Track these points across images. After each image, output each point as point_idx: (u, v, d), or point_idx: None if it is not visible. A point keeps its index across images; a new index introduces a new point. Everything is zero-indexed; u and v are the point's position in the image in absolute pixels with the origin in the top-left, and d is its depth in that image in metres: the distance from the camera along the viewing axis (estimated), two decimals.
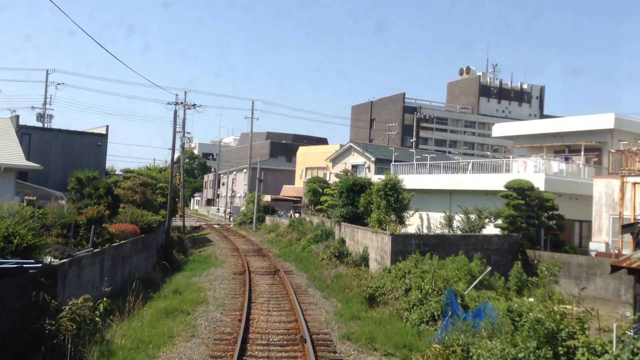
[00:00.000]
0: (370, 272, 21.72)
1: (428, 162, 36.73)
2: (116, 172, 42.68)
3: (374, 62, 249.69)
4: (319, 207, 41.31)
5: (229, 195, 77.50)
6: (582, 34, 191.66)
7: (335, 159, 54.96)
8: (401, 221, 22.83)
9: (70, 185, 35.89)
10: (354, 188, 27.79)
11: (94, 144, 38.25)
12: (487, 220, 23.68)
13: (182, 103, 62.07)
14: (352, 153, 52.65)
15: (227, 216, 69.70)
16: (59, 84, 55.57)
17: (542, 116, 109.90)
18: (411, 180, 29.90)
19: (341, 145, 57.76)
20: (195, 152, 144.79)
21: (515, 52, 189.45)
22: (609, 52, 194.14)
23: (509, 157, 35.19)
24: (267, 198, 58.68)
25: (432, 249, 20.74)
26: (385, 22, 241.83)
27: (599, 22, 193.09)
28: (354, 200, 27.62)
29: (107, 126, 38.85)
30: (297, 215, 51.43)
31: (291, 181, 66.04)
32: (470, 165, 33.52)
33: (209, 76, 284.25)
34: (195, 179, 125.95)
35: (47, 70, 55.77)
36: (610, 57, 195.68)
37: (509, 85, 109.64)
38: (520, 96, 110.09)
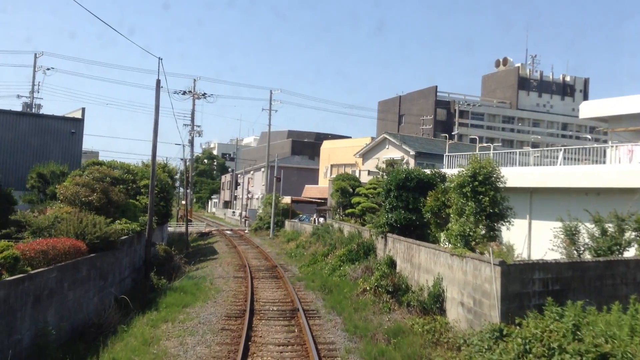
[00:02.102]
0: (451, 324, 12.52)
1: (492, 151, 27.34)
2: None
3: (375, 62, 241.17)
4: (350, 210, 32.17)
5: (244, 196, 68.78)
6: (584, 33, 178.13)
7: (365, 154, 45.83)
8: (493, 236, 13.60)
9: (29, 183, 27.48)
10: (407, 184, 18.61)
11: (67, 131, 29.80)
12: (634, 234, 14.28)
13: (190, 92, 53.72)
14: (387, 146, 43.49)
15: (243, 220, 60.98)
16: (48, 68, 47.54)
17: None
18: None
19: (372, 138, 48.63)
20: (215, 152, 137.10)
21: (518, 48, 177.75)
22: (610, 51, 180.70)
23: (607, 144, 25.77)
24: (287, 200, 49.79)
25: (565, 288, 11.50)
26: (385, 21, 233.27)
27: (601, 21, 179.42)
28: (408, 202, 18.45)
29: (84, 109, 30.39)
30: (321, 220, 42.39)
31: (314, 180, 57.06)
32: (560, 154, 24.09)
33: (209, 77, 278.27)
34: (213, 180, 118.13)
35: (36, 54, 47.80)
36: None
37: (550, 77, 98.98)
38: (562, 89, 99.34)
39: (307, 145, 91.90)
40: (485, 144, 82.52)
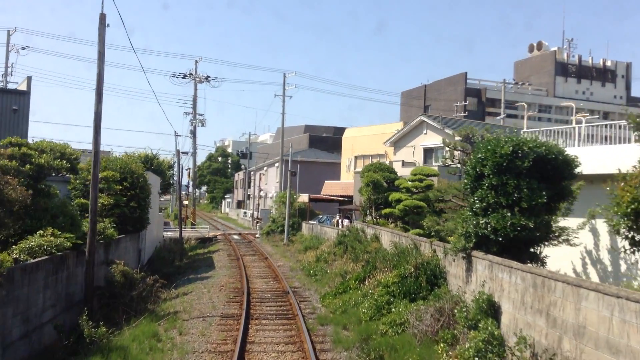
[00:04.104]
0: None
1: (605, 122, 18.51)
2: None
3: (376, 61, 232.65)
4: (387, 210, 23.70)
5: (256, 195, 60.61)
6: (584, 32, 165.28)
7: (398, 142, 37.30)
8: None
9: None
10: (516, 164, 10.10)
11: (6, 107, 21.85)
12: None
13: (191, 74, 45.74)
14: (425, 131, 34.93)
15: (254, 222, 52.82)
16: (23, 47, 39.93)
17: (630, 99, 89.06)
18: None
19: (405, 123, 40.08)
20: (229, 150, 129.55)
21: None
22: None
23: None
24: (304, 198, 41.48)
25: None
26: (385, 21, 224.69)
27: (600, 20, 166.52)
28: (521, 197, 9.96)
29: (29, 78, 22.45)
30: (346, 222, 34.00)
31: (335, 176, 48.66)
32: None
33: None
34: (227, 179, 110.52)
35: (9, 31, 40.17)
36: None
37: (590, 62, 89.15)
38: (603, 75, 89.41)
39: (325, 140, 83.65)
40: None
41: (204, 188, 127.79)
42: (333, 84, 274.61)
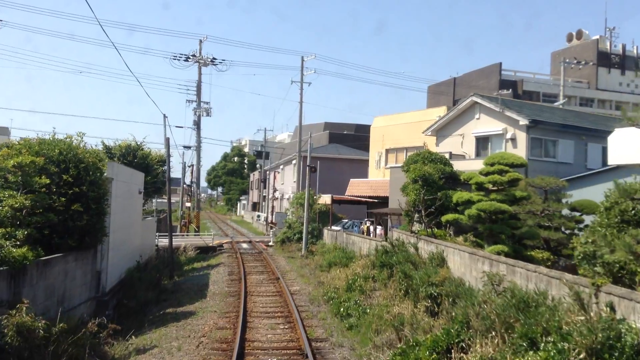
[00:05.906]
0: None
1: None
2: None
3: (375, 61, 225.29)
4: (451, 217, 16.22)
5: (270, 196, 53.37)
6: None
7: (441, 130, 29.64)
8: None
9: None
10: None
11: None
12: None
13: (194, 56, 38.77)
14: (477, 115, 27.30)
15: (268, 227, 45.59)
16: None
17: None
18: None
19: (448, 108, 32.56)
20: (246, 149, 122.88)
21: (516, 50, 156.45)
22: None
23: None
24: (325, 199, 34.09)
25: None
26: (385, 21, 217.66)
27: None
28: None
29: None
30: (379, 229, 26.64)
31: (360, 174, 41.19)
32: None
33: (209, 76, 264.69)
34: (243, 180, 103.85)
35: None
36: None
37: (635, 52, 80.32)
38: None
39: (346, 138, 76.26)
40: None
41: (220, 189, 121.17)
42: (355, 68, 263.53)
